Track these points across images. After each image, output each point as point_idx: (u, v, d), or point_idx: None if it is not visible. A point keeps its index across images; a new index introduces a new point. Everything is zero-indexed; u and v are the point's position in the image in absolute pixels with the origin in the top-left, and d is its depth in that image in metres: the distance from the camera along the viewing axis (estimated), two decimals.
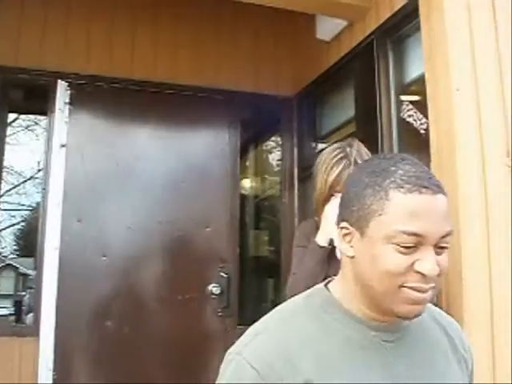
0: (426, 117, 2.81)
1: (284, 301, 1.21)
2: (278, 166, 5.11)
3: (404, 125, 3.04)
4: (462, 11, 2.61)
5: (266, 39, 4.27)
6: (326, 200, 2.15)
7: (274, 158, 5.52)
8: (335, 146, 2.27)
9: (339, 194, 2.09)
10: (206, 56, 4.11)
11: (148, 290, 3.69)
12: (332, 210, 2.06)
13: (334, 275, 1.17)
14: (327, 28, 3.60)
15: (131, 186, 3.79)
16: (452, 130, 2.48)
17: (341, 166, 2.15)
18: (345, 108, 3.70)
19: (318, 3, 3.24)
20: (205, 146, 4.07)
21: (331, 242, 2.08)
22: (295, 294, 1.84)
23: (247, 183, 5.52)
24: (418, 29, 2.88)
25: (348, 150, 2.22)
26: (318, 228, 2.21)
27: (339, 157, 2.18)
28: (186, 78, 4.03)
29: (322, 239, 2.10)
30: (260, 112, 4.40)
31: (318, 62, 3.84)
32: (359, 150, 2.23)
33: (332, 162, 2.17)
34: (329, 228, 2.07)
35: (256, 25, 4.19)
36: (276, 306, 1.17)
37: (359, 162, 2.16)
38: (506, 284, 2.39)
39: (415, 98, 3.02)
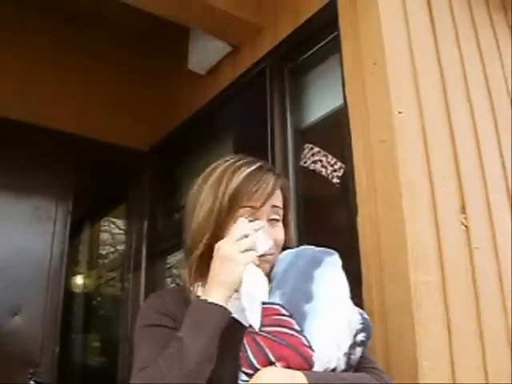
0: (342, 161, 2.07)
1: None
2: (121, 244, 4.09)
3: (306, 175, 2.26)
4: (398, 19, 1.97)
5: (122, 68, 3.37)
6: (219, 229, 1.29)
7: (117, 234, 4.47)
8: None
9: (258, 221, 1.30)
10: (40, 86, 3.12)
11: None
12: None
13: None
14: (202, 56, 2.81)
15: None
16: (394, 171, 1.74)
17: (253, 168, 1.33)
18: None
19: (190, 11, 2.46)
20: (21, 207, 3.06)
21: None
22: None
23: (77, 278, 4.39)
24: (329, 48, 2.22)
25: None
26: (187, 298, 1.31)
27: (248, 160, 1.37)
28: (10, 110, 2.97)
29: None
30: (104, 168, 3.41)
31: (187, 102, 3.02)
32: None
33: (237, 164, 1.34)
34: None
35: (113, 47, 3.32)
36: None
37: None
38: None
39: (322, 139, 2.27)
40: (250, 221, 1.28)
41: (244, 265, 1.22)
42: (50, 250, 3.08)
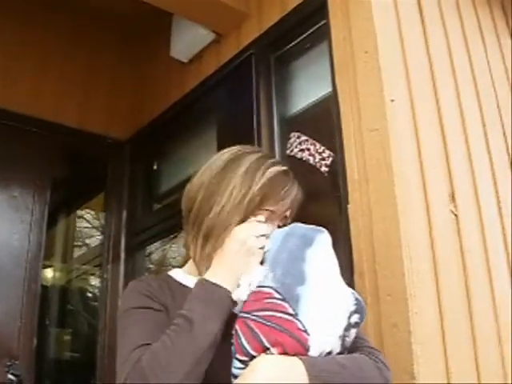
0: (331, 149, 2.06)
1: None
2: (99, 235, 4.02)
3: (295, 164, 2.24)
4: (389, 8, 1.97)
5: (101, 55, 3.27)
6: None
7: (93, 226, 4.39)
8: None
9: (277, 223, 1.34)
10: (19, 74, 3.03)
11: None
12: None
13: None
14: (185, 43, 2.75)
15: None
16: (387, 159, 1.73)
17: (283, 168, 1.40)
18: (202, 154, 2.80)
19: None
20: None
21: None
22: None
23: (53, 269, 4.28)
24: (316, 37, 2.21)
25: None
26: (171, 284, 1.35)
27: (272, 161, 1.40)
28: None
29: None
30: (82, 158, 3.35)
31: (168, 91, 2.96)
32: None
33: (268, 161, 1.38)
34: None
35: (92, 33, 3.23)
36: None
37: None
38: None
39: (309, 128, 2.26)
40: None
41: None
42: (28, 241, 2.96)
